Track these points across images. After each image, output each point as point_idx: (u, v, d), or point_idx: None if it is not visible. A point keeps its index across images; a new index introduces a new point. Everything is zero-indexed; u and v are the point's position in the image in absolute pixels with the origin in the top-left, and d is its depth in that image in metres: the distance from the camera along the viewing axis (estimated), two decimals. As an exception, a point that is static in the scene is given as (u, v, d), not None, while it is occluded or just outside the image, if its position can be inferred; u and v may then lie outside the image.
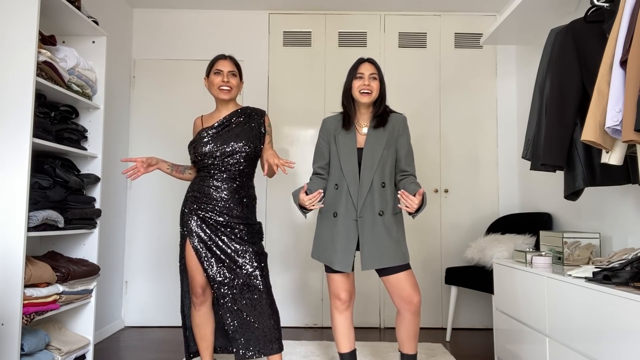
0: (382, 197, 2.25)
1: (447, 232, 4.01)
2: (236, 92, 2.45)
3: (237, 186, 2.39)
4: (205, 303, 2.41)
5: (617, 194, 2.63)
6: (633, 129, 1.66)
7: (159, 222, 3.99)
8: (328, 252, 2.28)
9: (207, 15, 4.14)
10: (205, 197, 2.37)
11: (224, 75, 2.39)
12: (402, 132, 2.32)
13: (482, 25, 4.09)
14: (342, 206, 2.27)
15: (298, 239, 4.00)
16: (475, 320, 3.94)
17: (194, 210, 2.37)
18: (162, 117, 4.08)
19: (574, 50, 2.24)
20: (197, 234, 2.35)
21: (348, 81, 2.33)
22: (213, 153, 2.36)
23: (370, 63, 2.32)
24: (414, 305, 2.23)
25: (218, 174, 2.38)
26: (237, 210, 2.37)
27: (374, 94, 2.29)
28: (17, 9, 2.22)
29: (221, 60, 2.43)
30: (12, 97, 2.20)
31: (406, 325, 2.27)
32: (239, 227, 2.37)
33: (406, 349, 2.32)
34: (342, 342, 2.39)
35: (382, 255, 2.20)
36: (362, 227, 2.23)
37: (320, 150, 2.40)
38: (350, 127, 2.33)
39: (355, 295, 2.41)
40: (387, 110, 2.35)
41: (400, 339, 2.32)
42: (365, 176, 2.26)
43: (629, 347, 1.62)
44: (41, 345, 2.33)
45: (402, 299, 2.24)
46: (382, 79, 2.33)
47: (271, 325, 2.33)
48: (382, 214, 2.24)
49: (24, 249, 2.16)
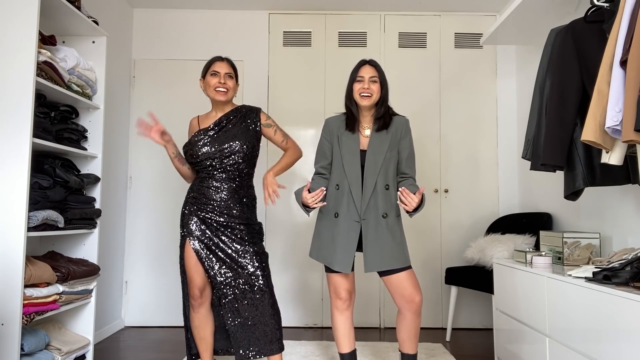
0: (386, 200, 2.26)
1: (447, 232, 4.01)
2: (232, 94, 2.44)
3: (236, 186, 2.39)
4: (203, 305, 2.40)
5: (617, 194, 2.63)
6: (633, 129, 1.66)
7: (159, 222, 3.99)
8: (327, 252, 2.29)
9: (207, 15, 4.14)
10: (204, 197, 2.37)
11: (220, 77, 2.38)
12: (404, 134, 2.33)
13: (482, 25, 4.09)
14: (344, 207, 2.27)
15: (298, 239, 4.00)
16: (475, 320, 3.94)
17: (194, 212, 2.37)
18: (162, 117, 4.04)
19: (574, 50, 2.24)
20: (196, 236, 2.34)
21: (349, 84, 2.35)
22: (211, 154, 2.36)
23: (371, 66, 2.33)
24: (415, 304, 2.23)
25: (217, 174, 2.38)
26: (236, 210, 2.37)
27: (374, 96, 2.30)
28: (17, 9, 2.22)
29: (218, 62, 2.42)
30: (12, 97, 2.20)
31: (407, 325, 2.28)
32: (239, 227, 2.37)
33: (406, 348, 2.32)
34: (343, 342, 2.39)
35: (385, 257, 2.20)
36: (365, 229, 2.23)
37: (322, 150, 2.40)
38: (354, 128, 2.34)
39: (355, 294, 2.41)
40: (390, 113, 2.35)
41: (401, 338, 2.32)
42: (369, 178, 2.26)
43: (629, 347, 1.62)
44: (41, 345, 2.33)
45: (403, 298, 2.24)
46: (383, 81, 2.33)
47: (272, 325, 2.32)
48: (386, 217, 2.24)
49: (24, 249, 2.16)
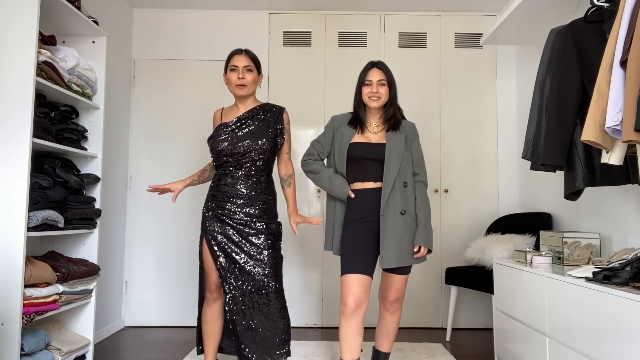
0: (404, 197, 2.30)
1: (447, 232, 4.01)
2: (253, 87, 2.43)
3: (253, 183, 2.36)
4: (217, 301, 2.41)
5: (617, 194, 2.63)
6: (633, 129, 1.66)
7: (159, 221, 3.99)
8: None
9: (207, 15, 4.14)
10: (222, 194, 2.35)
11: (239, 71, 2.37)
12: (413, 137, 2.43)
13: (482, 25, 4.09)
14: None
15: (298, 239, 4.00)
16: (475, 320, 3.94)
17: (212, 209, 2.36)
18: (162, 117, 4.08)
19: (574, 50, 2.24)
20: (213, 235, 2.34)
21: (358, 86, 2.41)
22: (229, 151, 2.34)
23: (378, 69, 2.38)
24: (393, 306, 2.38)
25: (234, 171, 2.36)
26: (253, 209, 2.34)
27: (383, 99, 2.36)
28: (17, 10, 2.22)
29: (236, 55, 2.41)
30: (12, 97, 2.20)
31: (386, 324, 2.40)
32: (255, 225, 2.33)
33: (382, 346, 2.42)
34: (344, 350, 2.27)
35: (402, 254, 2.27)
36: (384, 225, 2.27)
37: (324, 138, 2.47)
38: (356, 127, 2.41)
39: (366, 305, 2.26)
40: (401, 114, 2.44)
41: (379, 336, 2.43)
42: (389, 175, 2.30)
43: (629, 347, 1.62)
44: (41, 345, 2.33)
45: (386, 297, 2.36)
46: (390, 83, 2.39)
47: (279, 330, 2.29)
48: (404, 213, 2.27)
49: (24, 249, 2.16)
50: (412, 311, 3.93)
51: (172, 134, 4.05)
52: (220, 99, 3.61)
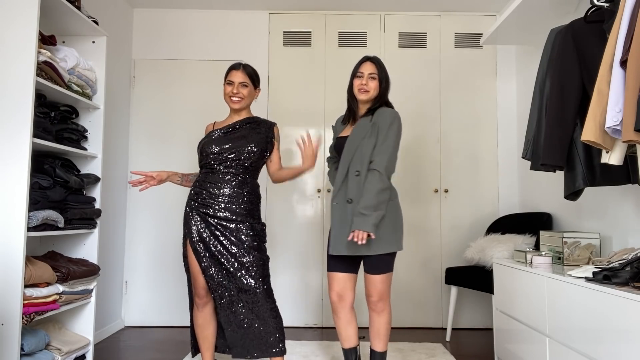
0: (355, 186, 2.30)
1: (447, 232, 4.01)
2: (248, 100, 2.49)
3: (239, 182, 2.38)
4: (208, 304, 2.41)
5: (617, 194, 2.63)
6: (633, 129, 1.66)
7: (159, 222, 3.99)
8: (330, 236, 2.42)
9: (207, 15, 4.14)
10: (206, 192, 2.36)
11: (234, 87, 2.44)
12: (385, 124, 2.28)
13: (482, 25, 4.09)
14: None
15: (298, 239, 4.00)
16: (475, 320, 3.94)
17: (195, 208, 2.37)
18: (162, 117, 4.08)
19: (574, 50, 2.24)
20: (197, 234, 2.34)
21: (350, 79, 2.45)
22: (217, 151, 2.38)
23: (371, 62, 2.40)
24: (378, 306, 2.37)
25: (222, 169, 2.38)
26: (238, 207, 2.35)
27: (372, 92, 2.37)
28: (17, 9, 2.22)
29: (234, 70, 2.47)
30: (12, 97, 2.20)
31: (374, 324, 2.41)
32: (239, 225, 2.34)
33: (375, 346, 2.43)
34: (341, 339, 2.46)
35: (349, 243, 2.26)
36: (332, 214, 2.36)
37: (332, 142, 2.55)
38: (349, 120, 2.47)
39: (350, 298, 2.41)
40: (383, 102, 2.40)
41: (372, 336, 2.44)
42: (342, 164, 2.35)
43: (629, 347, 1.62)
44: (41, 345, 2.33)
45: (369, 299, 2.37)
46: (382, 78, 2.39)
47: (271, 328, 2.31)
48: (351, 202, 2.29)
49: (24, 249, 2.16)
50: (412, 311, 3.93)
51: (172, 133, 4.05)
52: (220, 99, 3.59)
